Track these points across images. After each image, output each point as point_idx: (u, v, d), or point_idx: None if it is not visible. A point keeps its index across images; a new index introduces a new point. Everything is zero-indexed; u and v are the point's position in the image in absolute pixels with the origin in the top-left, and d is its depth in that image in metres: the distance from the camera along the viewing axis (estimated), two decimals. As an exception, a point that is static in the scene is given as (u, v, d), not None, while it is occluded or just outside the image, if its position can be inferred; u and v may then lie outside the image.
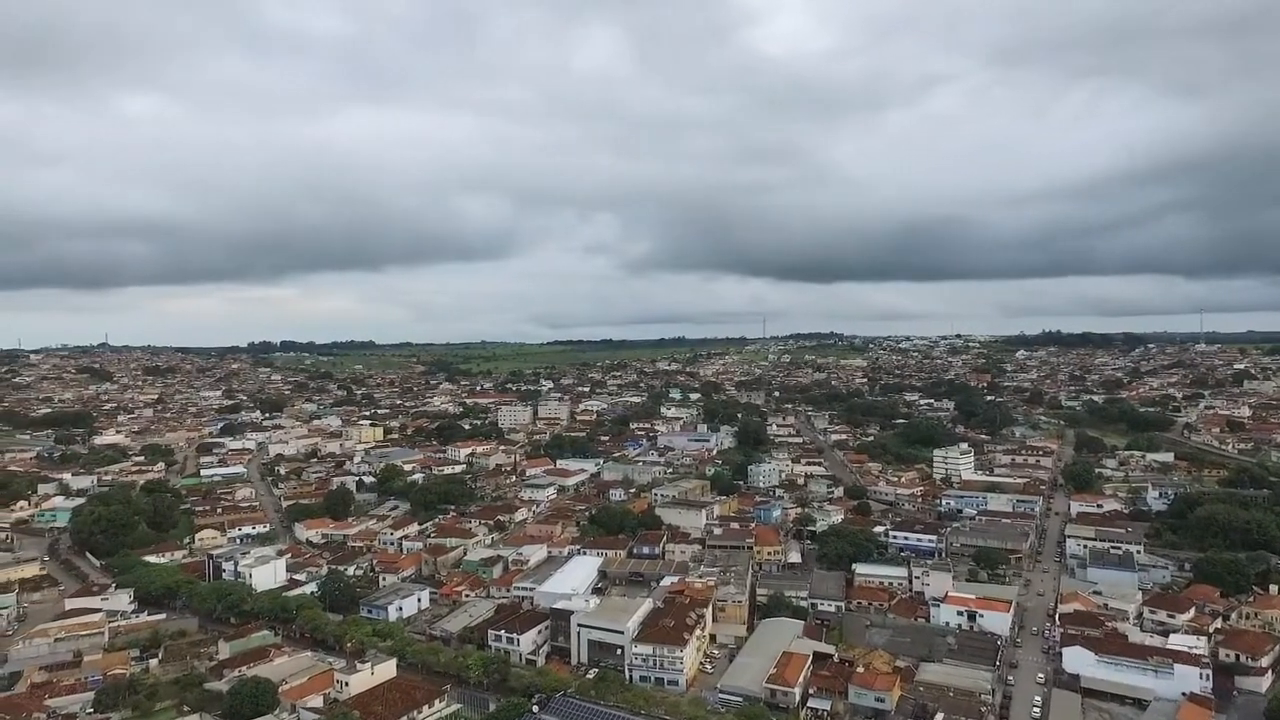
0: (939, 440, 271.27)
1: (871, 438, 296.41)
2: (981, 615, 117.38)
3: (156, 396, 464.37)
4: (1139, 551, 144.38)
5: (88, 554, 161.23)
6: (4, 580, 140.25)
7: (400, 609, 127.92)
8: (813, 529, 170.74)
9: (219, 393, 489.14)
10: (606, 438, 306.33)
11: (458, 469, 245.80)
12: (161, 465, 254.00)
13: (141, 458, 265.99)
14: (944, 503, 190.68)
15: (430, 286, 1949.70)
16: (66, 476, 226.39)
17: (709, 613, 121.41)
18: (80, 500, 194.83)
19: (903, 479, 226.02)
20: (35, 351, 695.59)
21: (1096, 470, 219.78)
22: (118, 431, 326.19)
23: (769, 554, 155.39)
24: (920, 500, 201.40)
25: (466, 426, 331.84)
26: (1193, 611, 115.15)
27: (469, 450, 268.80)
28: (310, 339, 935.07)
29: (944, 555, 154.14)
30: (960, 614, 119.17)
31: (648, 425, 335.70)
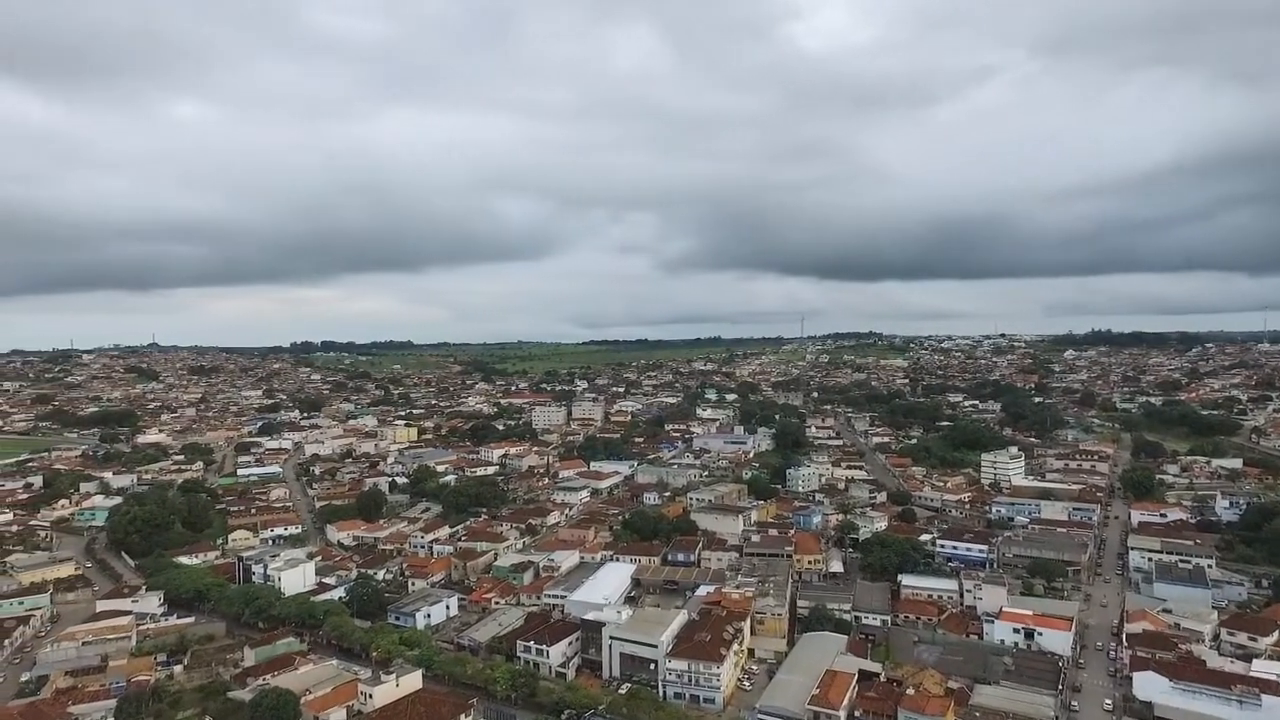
0: (986, 443, 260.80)
1: (914, 440, 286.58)
2: (1040, 633, 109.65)
3: (200, 396, 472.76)
4: (1211, 566, 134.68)
5: (124, 554, 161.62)
6: (39, 580, 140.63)
7: (428, 616, 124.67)
8: (855, 536, 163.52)
9: (260, 392, 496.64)
10: (641, 439, 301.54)
11: (490, 470, 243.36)
12: (200, 465, 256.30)
13: (181, 457, 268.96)
14: (994, 510, 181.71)
15: (468, 287, 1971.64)
16: (108, 475, 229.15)
17: (747, 625, 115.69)
18: (119, 499, 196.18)
19: (949, 484, 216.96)
20: (88, 351, 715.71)
21: (1157, 477, 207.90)
22: (160, 430, 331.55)
23: (809, 563, 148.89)
24: (968, 507, 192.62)
25: (500, 427, 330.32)
26: (1277, 635, 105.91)
27: (502, 451, 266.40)
28: (350, 339, 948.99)
29: (995, 566, 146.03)
30: (1017, 631, 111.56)
31: (683, 427, 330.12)
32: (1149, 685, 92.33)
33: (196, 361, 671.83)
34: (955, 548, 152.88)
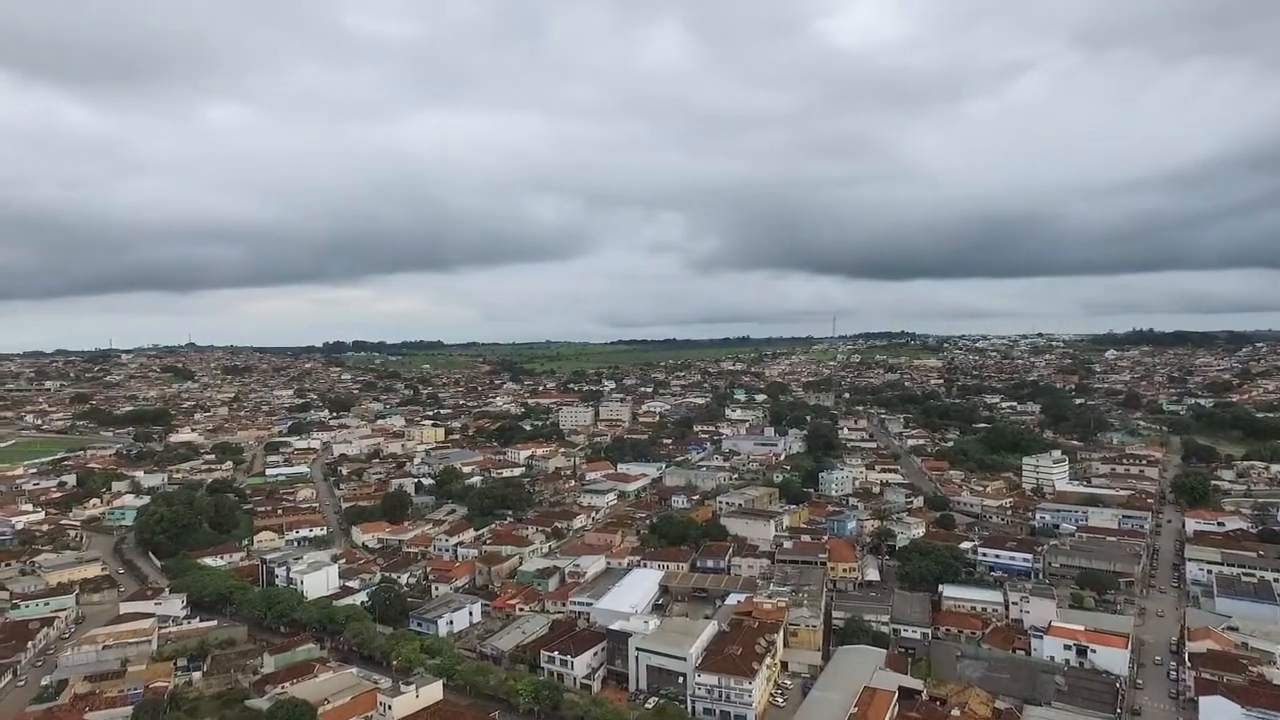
0: (1026, 446, 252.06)
1: (951, 443, 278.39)
2: (1094, 650, 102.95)
3: (233, 395, 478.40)
4: (1278, 580, 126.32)
5: (150, 554, 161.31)
6: (66, 580, 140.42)
7: (451, 623, 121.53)
8: (892, 544, 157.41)
9: (291, 392, 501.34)
10: (669, 440, 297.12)
11: (516, 472, 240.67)
12: (229, 464, 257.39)
13: (212, 456, 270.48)
14: (1038, 516, 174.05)
15: (498, 287, 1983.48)
16: (139, 474, 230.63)
17: (780, 638, 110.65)
18: (149, 499, 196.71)
19: (988, 489, 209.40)
20: (127, 351, 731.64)
21: (1212, 483, 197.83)
22: (192, 429, 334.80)
23: (844, 571, 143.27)
24: (1009, 513, 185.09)
25: (527, 427, 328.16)
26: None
27: (529, 452, 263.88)
28: (381, 339, 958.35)
29: (1041, 577, 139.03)
30: (1068, 648, 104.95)
31: (712, 428, 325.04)
32: (1218, 711, 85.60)
33: (231, 361, 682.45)
34: (998, 556, 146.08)
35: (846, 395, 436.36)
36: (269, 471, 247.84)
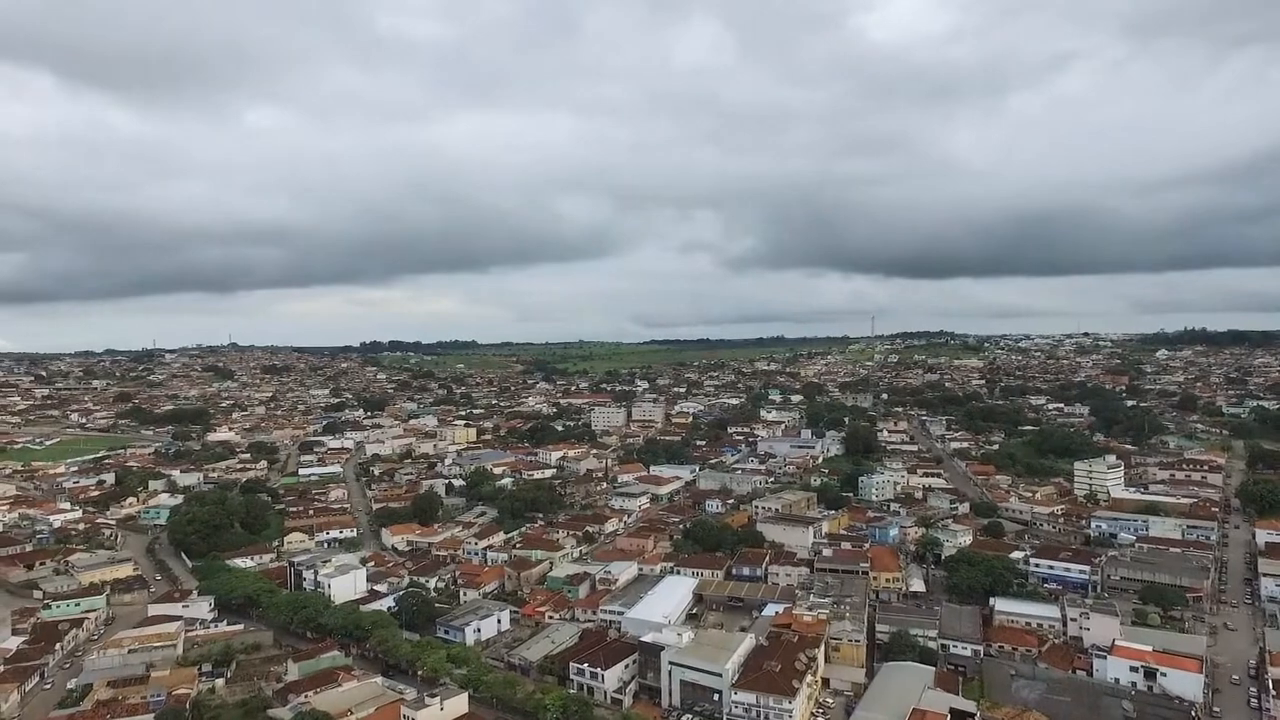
0: (1076, 450, 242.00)
1: (996, 446, 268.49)
2: (1164, 674, 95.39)
3: (270, 394, 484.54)
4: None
5: (183, 554, 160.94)
6: (98, 580, 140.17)
7: (478, 631, 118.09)
8: (938, 552, 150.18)
9: (327, 391, 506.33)
10: (703, 442, 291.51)
11: (548, 473, 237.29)
12: (264, 463, 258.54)
13: (247, 455, 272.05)
14: (1093, 525, 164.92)
15: (531, 287, 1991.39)
16: (175, 473, 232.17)
17: (821, 653, 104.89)
18: (184, 498, 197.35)
19: (1037, 495, 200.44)
20: (171, 351, 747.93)
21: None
22: (230, 428, 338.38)
23: (887, 581, 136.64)
24: (1061, 521, 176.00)
25: (559, 428, 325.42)
26: None
27: (560, 454, 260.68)
28: (417, 339, 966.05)
29: (1100, 590, 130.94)
30: (1134, 670, 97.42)
31: (747, 429, 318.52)
32: (1308, 746, 77.93)
33: (270, 361, 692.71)
34: (1051, 568, 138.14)
35: (885, 396, 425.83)
36: (302, 471, 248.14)
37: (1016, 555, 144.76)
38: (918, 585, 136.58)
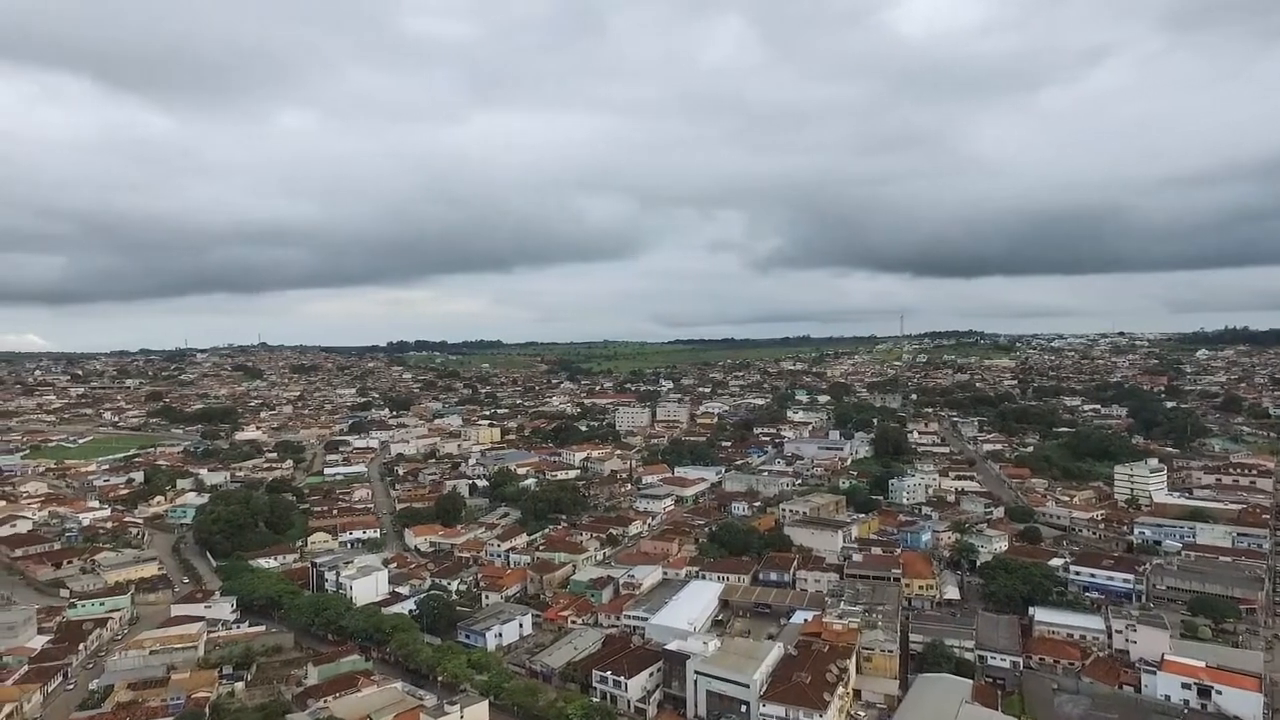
0: (1115, 453, 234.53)
1: (1031, 448, 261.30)
2: (1219, 691, 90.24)
3: (298, 394, 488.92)
4: None
5: (208, 554, 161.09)
6: (123, 580, 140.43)
7: (499, 635, 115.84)
8: (972, 558, 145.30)
9: (354, 390, 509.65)
10: (728, 443, 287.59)
11: (571, 474, 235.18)
12: (290, 463, 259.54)
13: (274, 454, 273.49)
14: (1136, 532, 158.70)
15: (555, 287, 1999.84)
16: (203, 472, 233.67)
17: (852, 663, 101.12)
18: (209, 497, 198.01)
19: (1075, 499, 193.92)
20: (203, 350, 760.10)
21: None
22: (257, 428, 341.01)
23: (920, 588, 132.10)
24: (1102, 527, 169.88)
25: (583, 428, 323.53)
26: None
27: (584, 454, 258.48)
28: (443, 338, 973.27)
29: (1145, 600, 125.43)
30: (1187, 687, 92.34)
31: (773, 430, 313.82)
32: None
33: (298, 360, 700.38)
34: (1093, 576, 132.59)
35: (914, 397, 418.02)
36: (327, 471, 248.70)
37: (1056, 562, 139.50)
38: (952, 593, 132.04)
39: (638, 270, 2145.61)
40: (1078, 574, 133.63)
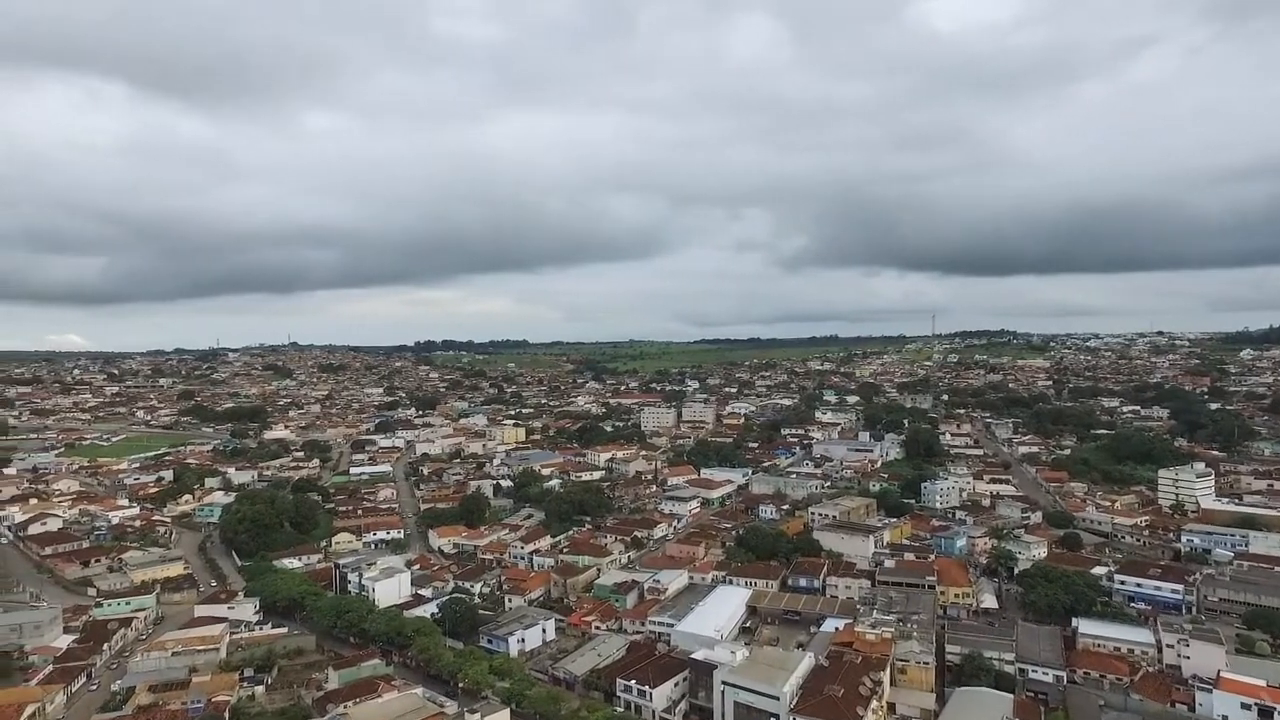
0: (1158, 457, 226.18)
1: (1068, 451, 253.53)
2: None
3: (327, 393, 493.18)
4: None
5: (233, 553, 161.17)
6: (149, 579, 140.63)
7: (522, 641, 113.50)
8: (1011, 565, 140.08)
9: (381, 390, 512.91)
10: (755, 444, 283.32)
11: (596, 475, 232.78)
12: (316, 462, 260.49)
13: (301, 453, 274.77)
14: (1184, 540, 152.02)
15: (581, 287, 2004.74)
16: (231, 471, 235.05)
17: (886, 675, 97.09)
18: (236, 496, 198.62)
19: (1117, 504, 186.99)
20: (234, 350, 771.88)
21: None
22: (285, 427, 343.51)
23: (956, 596, 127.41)
24: (1146, 533, 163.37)
25: (608, 428, 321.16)
26: None
27: (609, 455, 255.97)
28: (469, 338, 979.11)
29: (1196, 612, 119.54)
30: (1247, 707, 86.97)
31: (801, 431, 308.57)
32: None
33: (326, 360, 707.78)
34: (1139, 586, 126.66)
35: (945, 397, 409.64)
36: (353, 470, 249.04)
37: (1098, 571, 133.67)
38: (990, 601, 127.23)
39: (664, 270, 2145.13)
40: (1122, 583, 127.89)
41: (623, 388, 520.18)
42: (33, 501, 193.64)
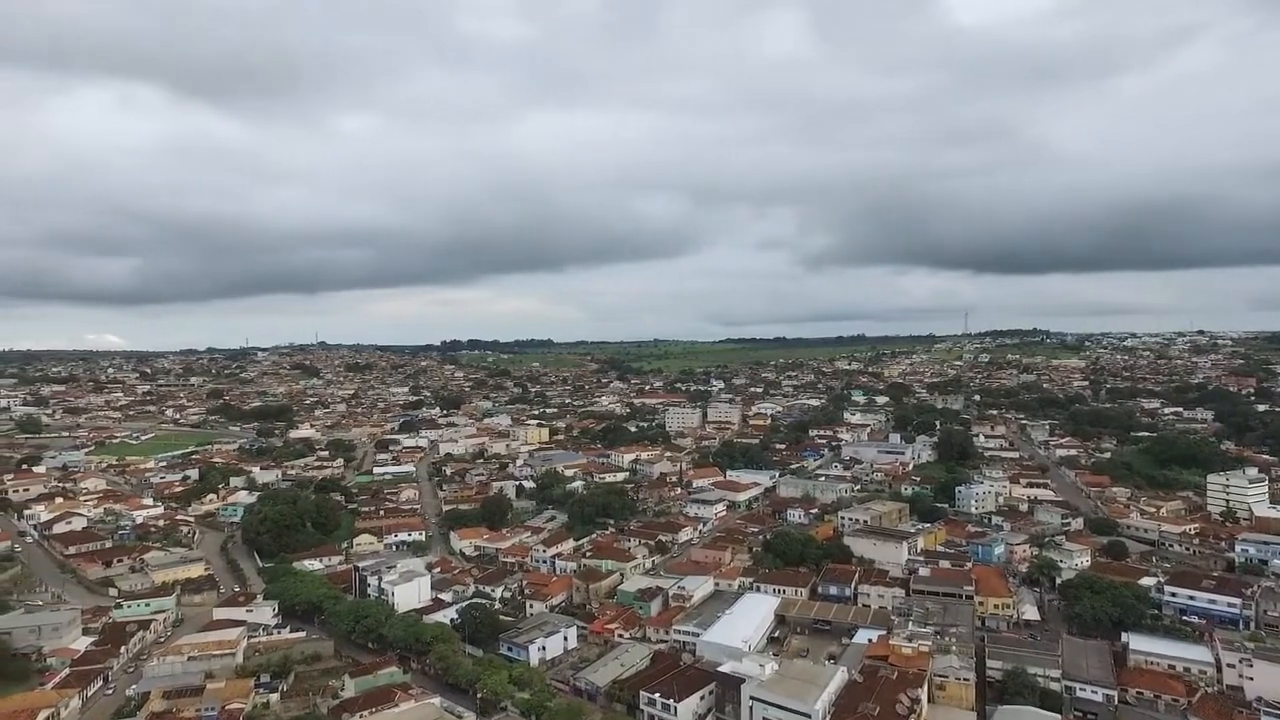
0: (1205, 461, 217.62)
1: (1109, 454, 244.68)
2: (1357, 742, 78.67)
3: (352, 392, 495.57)
4: None
5: (255, 554, 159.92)
6: (170, 580, 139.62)
7: (543, 649, 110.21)
8: (1054, 575, 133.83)
9: (406, 389, 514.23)
10: (782, 445, 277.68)
11: (620, 477, 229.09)
12: (340, 461, 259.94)
13: (325, 453, 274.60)
14: (1239, 549, 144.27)
15: (606, 286, 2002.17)
16: (256, 470, 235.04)
17: (924, 692, 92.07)
18: (258, 496, 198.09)
19: (1163, 510, 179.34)
20: (264, 349, 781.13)
21: None
22: (311, 426, 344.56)
23: (995, 607, 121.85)
24: (1196, 542, 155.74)
25: (632, 429, 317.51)
26: None
27: (633, 456, 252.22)
28: (495, 337, 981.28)
29: (1255, 628, 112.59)
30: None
31: (829, 432, 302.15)
32: None
33: (353, 359, 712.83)
34: (1192, 598, 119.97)
35: (977, 398, 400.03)
36: (377, 470, 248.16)
37: (1147, 582, 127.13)
38: (1031, 613, 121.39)
39: (689, 269, 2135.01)
40: (1174, 596, 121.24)
41: (647, 387, 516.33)
42: (58, 500, 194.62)
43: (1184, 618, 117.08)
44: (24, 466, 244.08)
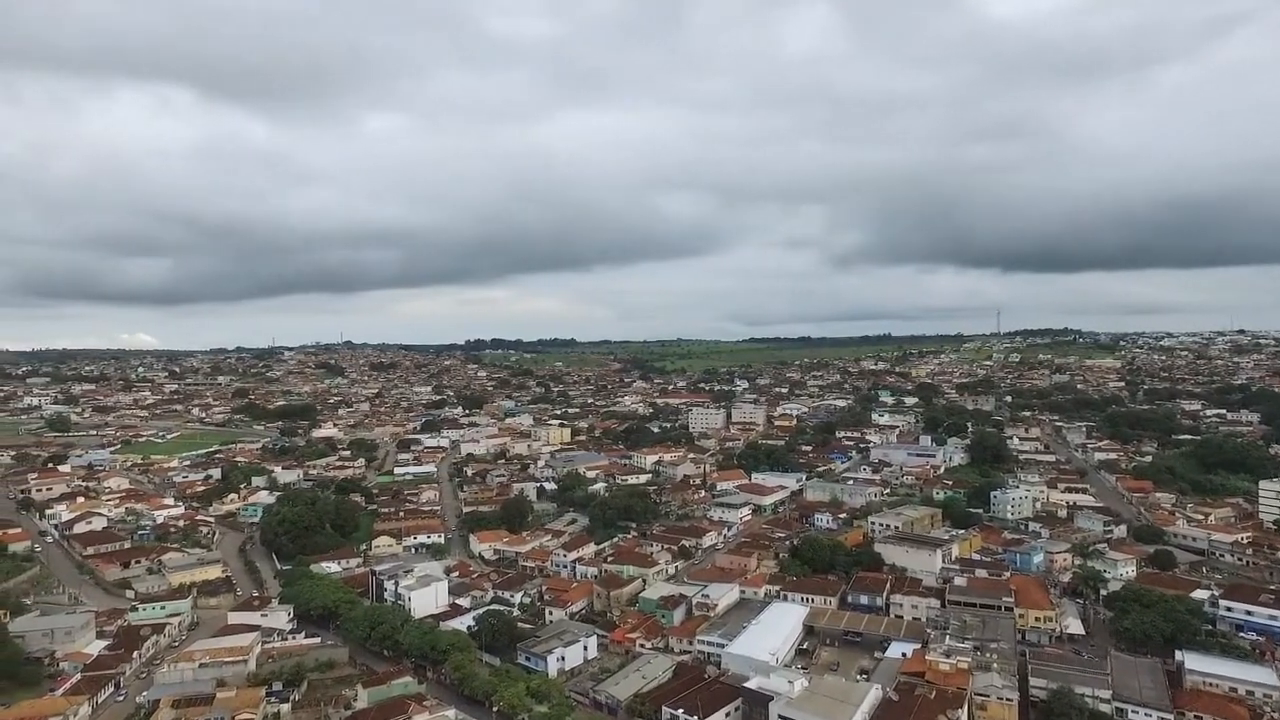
0: (1254, 466, 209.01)
1: (1150, 458, 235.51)
2: None
3: (376, 391, 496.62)
4: None
5: (273, 556, 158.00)
6: (186, 582, 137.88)
7: (562, 659, 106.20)
8: (1099, 586, 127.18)
9: (429, 388, 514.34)
10: (808, 447, 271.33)
11: (642, 479, 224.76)
12: (362, 461, 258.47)
13: (348, 453, 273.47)
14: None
15: (631, 285, 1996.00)
16: (277, 470, 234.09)
17: (964, 713, 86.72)
18: (278, 496, 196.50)
19: (1211, 517, 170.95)
20: (290, 349, 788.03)
21: None
22: (334, 425, 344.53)
23: (1036, 620, 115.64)
24: (1249, 552, 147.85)
25: (655, 429, 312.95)
26: None
27: (656, 457, 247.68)
28: (519, 337, 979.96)
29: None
30: (1400, 768, 74.34)
31: (857, 434, 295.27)
32: None
33: (378, 358, 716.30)
34: (1249, 614, 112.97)
35: (1009, 399, 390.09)
36: (398, 470, 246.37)
37: (1200, 595, 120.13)
38: (1075, 627, 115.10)
39: (714, 268, 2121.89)
40: (1229, 610, 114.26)
41: (670, 387, 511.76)
42: (80, 500, 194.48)
43: (1241, 634, 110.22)
44: (50, 465, 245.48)
